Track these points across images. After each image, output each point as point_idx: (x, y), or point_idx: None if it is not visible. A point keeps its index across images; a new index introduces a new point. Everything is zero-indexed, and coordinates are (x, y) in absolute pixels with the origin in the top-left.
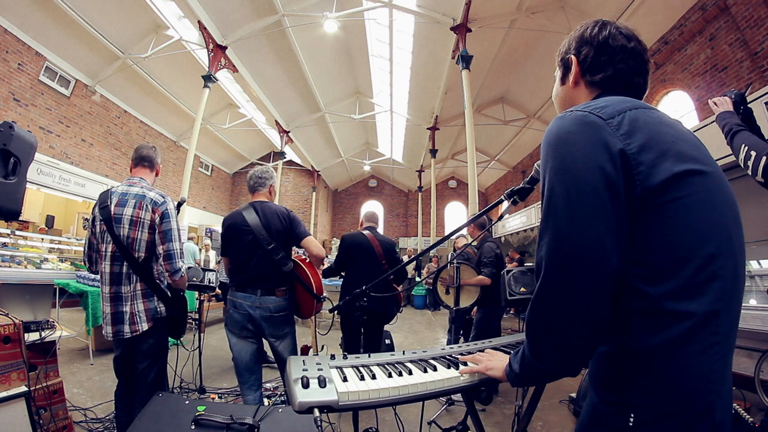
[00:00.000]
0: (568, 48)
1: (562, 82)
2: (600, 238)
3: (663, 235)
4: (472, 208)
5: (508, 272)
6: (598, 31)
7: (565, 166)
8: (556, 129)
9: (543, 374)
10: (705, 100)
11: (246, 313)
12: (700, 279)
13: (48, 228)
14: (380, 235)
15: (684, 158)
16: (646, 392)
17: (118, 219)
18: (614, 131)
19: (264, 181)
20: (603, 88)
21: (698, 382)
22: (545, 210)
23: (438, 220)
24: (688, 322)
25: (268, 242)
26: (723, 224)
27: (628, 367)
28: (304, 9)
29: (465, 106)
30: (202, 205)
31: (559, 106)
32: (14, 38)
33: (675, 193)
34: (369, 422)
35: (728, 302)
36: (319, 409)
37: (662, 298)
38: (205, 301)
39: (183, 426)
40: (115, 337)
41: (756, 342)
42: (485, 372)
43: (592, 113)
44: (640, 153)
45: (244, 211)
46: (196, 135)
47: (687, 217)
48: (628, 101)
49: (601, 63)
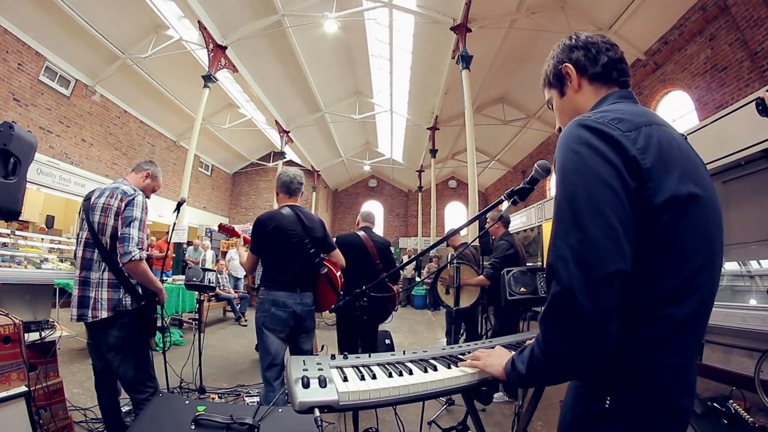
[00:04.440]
0: (557, 62)
1: (562, 95)
2: (621, 241)
3: (662, 248)
4: (472, 208)
5: (508, 272)
6: (576, 36)
7: (588, 169)
8: (577, 132)
9: (555, 377)
10: (705, 100)
11: (291, 310)
12: (685, 290)
13: (48, 228)
14: (375, 235)
15: (687, 180)
16: (623, 380)
17: (94, 207)
18: (631, 145)
19: (303, 186)
20: (604, 78)
21: (669, 374)
22: (565, 211)
23: (438, 220)
24: (668, 325)
25: (311, 247)
26: (709, 245)
27: (613, 358)
28: (304, 9)
29: (465, 106)
30: (202, 205)
31: (566, 120)
32: (14, 38)
33: (677, 212)
34: (369, 422)
35: (703, 311)
36: (320, 409)
37: (651, 302)
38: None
39: (183, 426)
40: (79, 320)
41: (756, 342)
42: (484, 369)
43: (610, 124)
44: (652, 169)
45: (286, 212)
46: (196, 135)
47: (680, 238)
48: (642, 115)
49: (594, 56)
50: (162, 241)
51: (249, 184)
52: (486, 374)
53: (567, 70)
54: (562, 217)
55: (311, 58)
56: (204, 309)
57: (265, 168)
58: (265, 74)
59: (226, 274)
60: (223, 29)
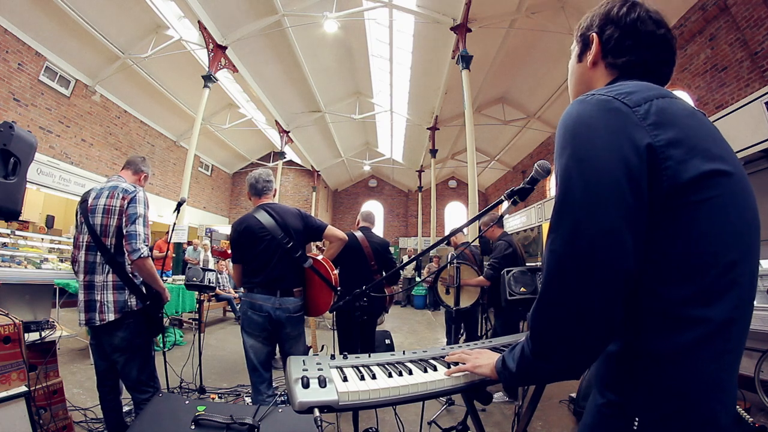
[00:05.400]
0: (590, 24)
1: (579, 60)
2: (620, 234)
3: (687, 237)
4: (472, 208)
5: (508, 272)
6: (626, 11)
7: (586, 155)
8: (576, 113)
9: (546, 374)
10: (705, 100)
11: (266, 314)
12: (719, 286)
13: (48, 228)
14: (374, 235)
15: (712, 156)
16: (653, 395)
17: (93, 209)
18: (640, 121)
19: (271, 184)
20: (623, 72)
21: (707, 387)
22: (560, 201)
23: (438, 220)
24: (703, 328)
25: (287, 241)
26: (745, 229)
27: (636, 368)
28: (304, 9)
29: (465, 106)
30: (202, 205)
31: (574, 85)
32: (14, 38)
33: (703, 193)
34: (369, 422)
35: (744, 310)
36: (319, 409)
37: (679, 302)
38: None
39: (183, 426)
40: (87, 324)
41: (756, 342)
42: (473, 370)
43: (616, 98)
44: (668, 147)
45: (256, 214)
46: (196, 135)
47: (713, 220)
48: (653, 88)
49: (625, 47)
50: (162, 241)
51: None
52: (476, 376)
53: (593, 38)
54: (560, 205)
55: (311, 58)
56: (204, 309)
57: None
58: (265, 74)
59: (226, 274)
60: (223, 29)
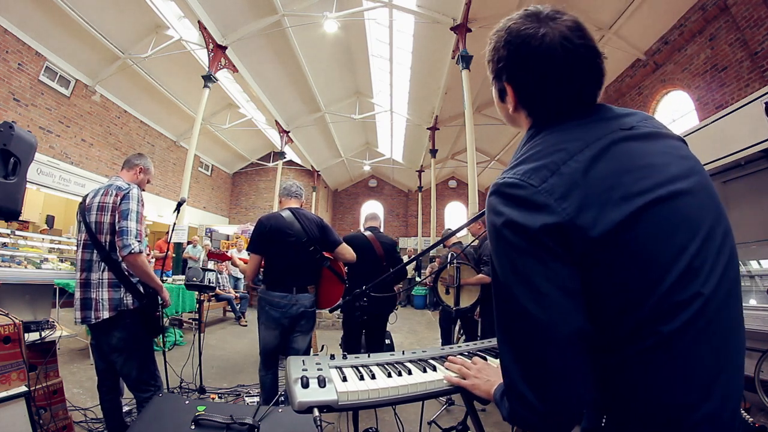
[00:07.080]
0: (500, 65)
1: (501, 100)
2: (555, 302)
3: (613, 282)
4: (472, 208)
5: None
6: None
7: (506, 242)
8: (490, 203)
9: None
10: (705, 100)
11: (284, 310)
12: (664, 309)
13: (48, 228)
14: (382, 235)
15: (637, 193)
16: (619, 395)
17: (90, 208)
18: (547, 197)
19: (302, 192)
20: (541, 121)
21: (669, 386)
22: (496, 285)
23: (438, 220)
24: (657, 337)
25: (310, 245)
26: (690, 232)
27: (605, 371)
28: (304, 9)
29: (465, 106)
30: (202, 205)
31: (506, 121)
32: (14, 38)
33: (622, 236)
34: (369, 422)
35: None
36: (319, 408)
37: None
38: (205, 301)
39: (183, 426)
40: (83, 322)
41: (756, 342)
42: (471, 390)
43: (521, 184)
44: (578, 215)
45: (285, 214)
46: (196, 135)
47: (636, 257)
48: (579, 139)
49: (539, 97)
50: (162, 241)
51: (249, 184)
52: None
53: (508, 89)
54: (495, 291)
55: (311, 58)
56: (204, 309)
57: (265, 168)
58: (265, 74)
59: (226, 274)
60: (223, 29)
